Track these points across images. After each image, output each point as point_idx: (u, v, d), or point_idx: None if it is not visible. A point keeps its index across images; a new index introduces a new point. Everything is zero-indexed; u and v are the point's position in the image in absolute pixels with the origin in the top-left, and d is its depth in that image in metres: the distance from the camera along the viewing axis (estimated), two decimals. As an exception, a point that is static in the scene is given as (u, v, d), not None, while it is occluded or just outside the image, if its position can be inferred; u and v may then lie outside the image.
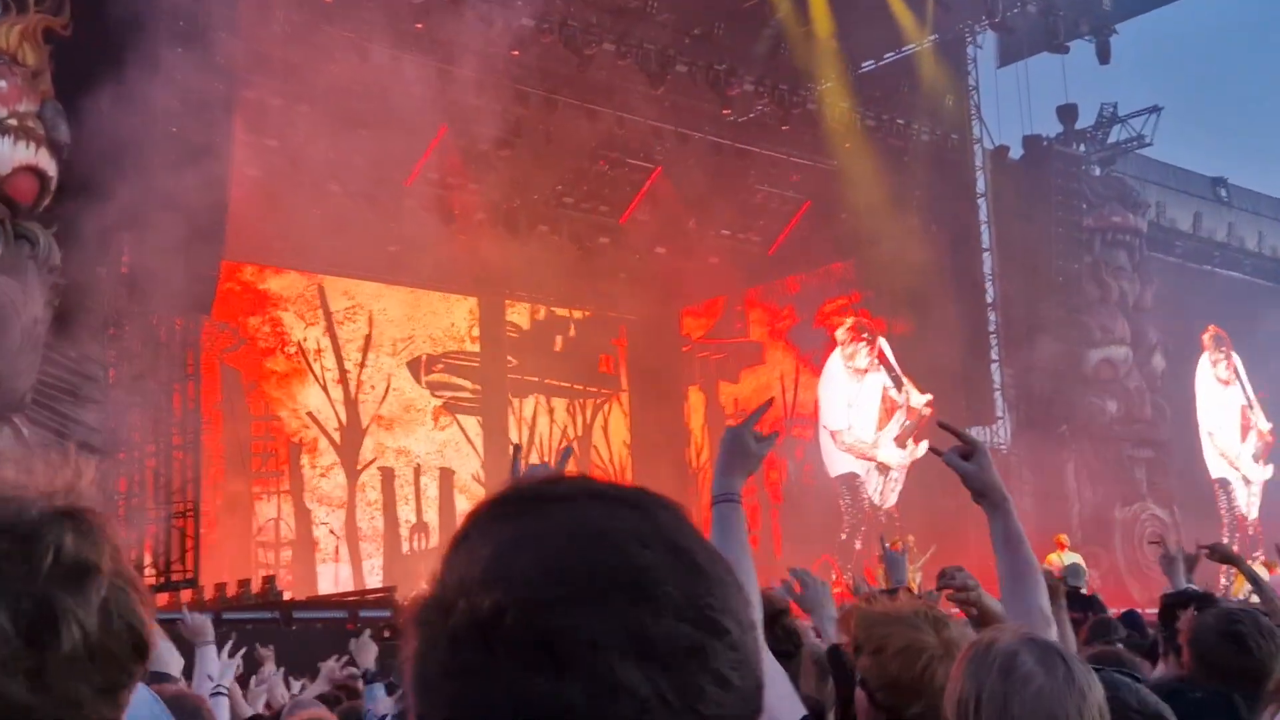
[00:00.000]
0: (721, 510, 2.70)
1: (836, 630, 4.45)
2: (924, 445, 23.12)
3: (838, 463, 25.93)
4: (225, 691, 5.67)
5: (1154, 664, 5.42)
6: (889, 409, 25.59)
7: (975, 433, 25.40)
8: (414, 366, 25.93)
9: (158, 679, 5.10)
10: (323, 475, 24.37)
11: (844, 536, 25.32)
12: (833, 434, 25.85)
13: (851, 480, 25.73)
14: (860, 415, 25.74)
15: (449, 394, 26.28)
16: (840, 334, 25.91)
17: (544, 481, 1.04)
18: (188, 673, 7.90)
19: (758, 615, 2.90)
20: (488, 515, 1.02)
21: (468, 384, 26.63)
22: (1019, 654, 2.19)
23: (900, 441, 25.19)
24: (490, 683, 0.92)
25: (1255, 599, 8.04)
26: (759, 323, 28.66)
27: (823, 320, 27.19)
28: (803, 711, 2.57)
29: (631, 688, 0.91)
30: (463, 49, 20.85)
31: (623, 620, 0.92)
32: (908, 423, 25.13)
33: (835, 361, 25.99)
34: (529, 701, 0.91)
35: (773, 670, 2.53)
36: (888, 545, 8.70)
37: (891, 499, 25.32)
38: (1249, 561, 10.37)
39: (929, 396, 24.53)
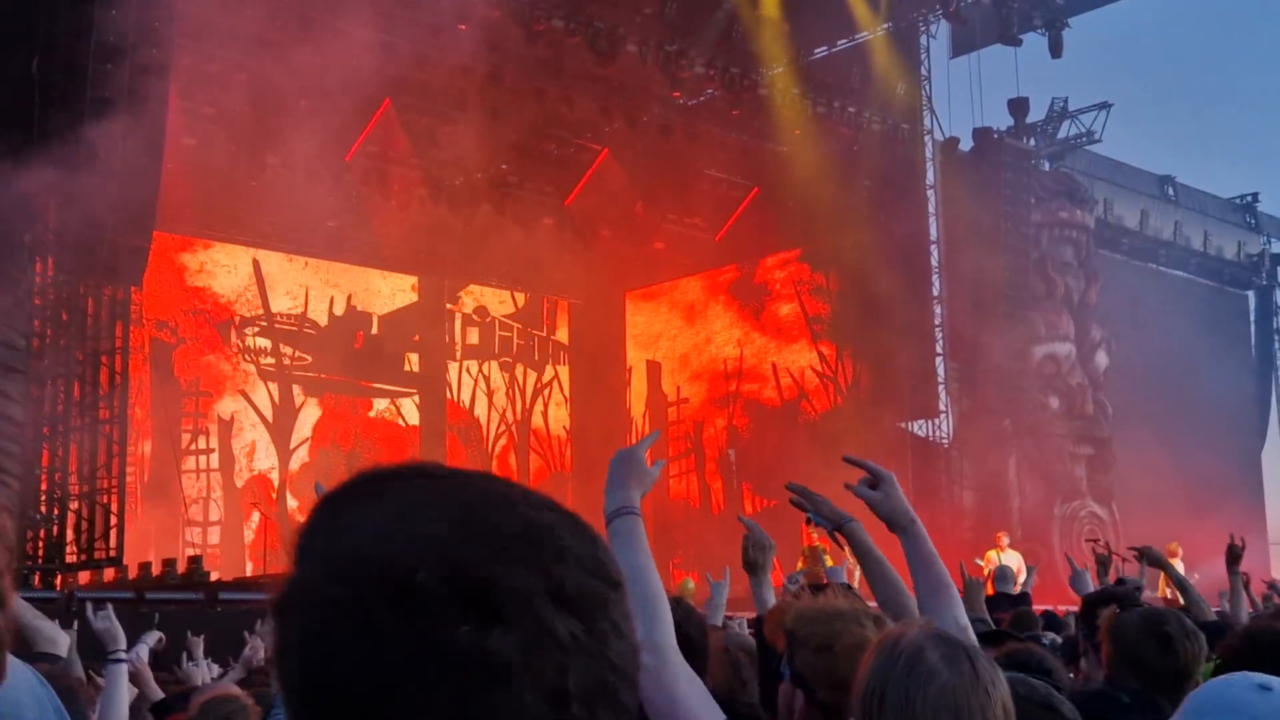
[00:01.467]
0: (626, 523, 2.72)
1: (767, 629, 4.50)
2: None
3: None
4: (125, 659, 5.27)
5: (1073, 664, 5.37)
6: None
7: (918, 427, 25.42)
8: (350, 343, 25.47)
9: (43, 659, 4.75)
10: (253, 454, 23.89)
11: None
12: None
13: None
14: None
15: (386, 373, 25.86)
16: None
17: (405, 463, 1.03)
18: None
19: (669, 619, 2.71)
20: (359, 493, 1.00)
21: (407, 364, 26.22)
22: (924, 649, 2.17)
23: None
24: (410, 640, 0.90)
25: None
26: (699, 284, 28.37)
27: (764, 275, 27.05)
28: (723, 717, 2.58)
29: (556, 634, 0.92)
30: (407, 21, 20.42)
31: (541, 570, 0.94)
32: None
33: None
34: (456, 653, 0.90)
35: (687, 679, 2.58)
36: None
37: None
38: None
39: None
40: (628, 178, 25.58)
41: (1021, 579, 11.61)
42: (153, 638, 5.68)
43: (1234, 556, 6.51)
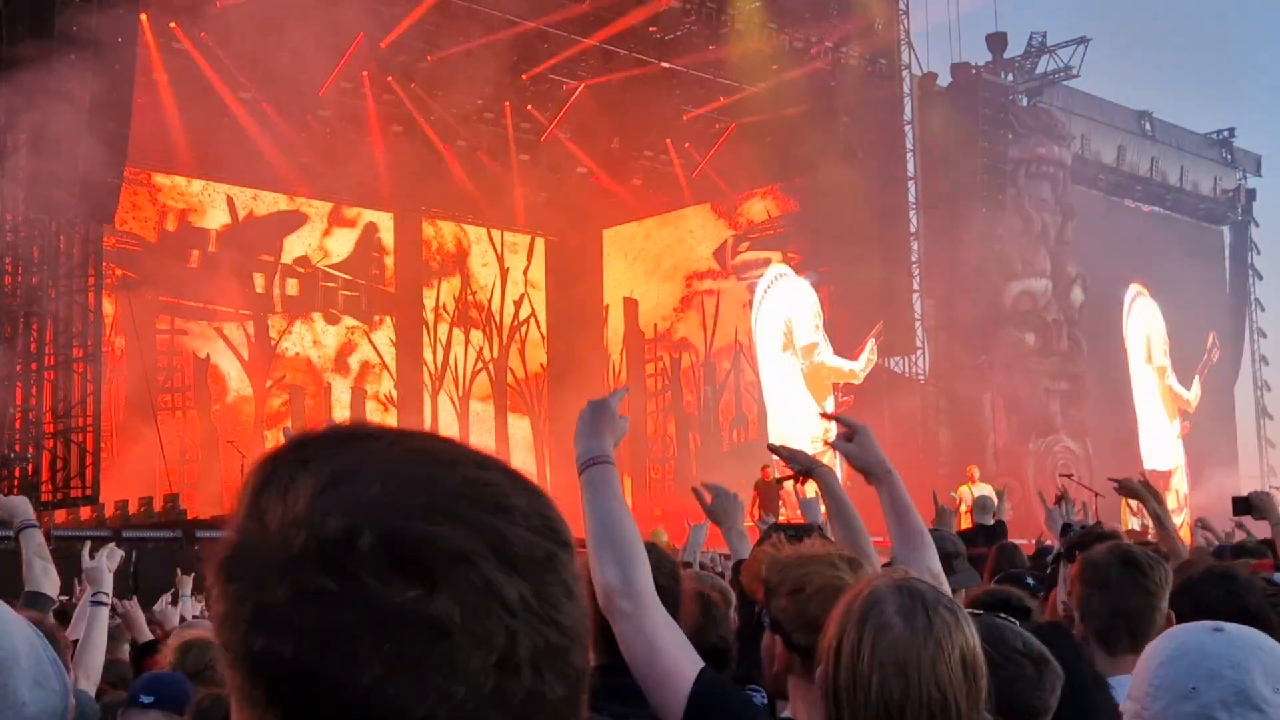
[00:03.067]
0: (600, 471, 2.76)
1: (745, 580, 4.53)
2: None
3: (777, 393, 25.79)
4: (105, 600, 5.25)
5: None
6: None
7: (895, 363, 25.49)
8: (328, 283, 25.37)
9: (32, 600, 4.74)
10: (229, 392, 23.84)
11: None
12: (805, 349, 25.51)
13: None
14: (802, 321, 25.57)
15: (360, 315, 25.78)
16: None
17: (342, 425, 1.00)
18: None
19: (646, 564, 2.71)
20: (294, 457, 0.96)
21: (382, 302, 26.15)
22: (882, 602, 2.17)
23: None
24: (350, 604, 0.87)
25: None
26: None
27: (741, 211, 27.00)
28: (700, 663, 2.60)
29: (502, 595, 0.90)
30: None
31: (484, 530, 0.91)
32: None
33: (803, 284, 25.74)
34: (398, 616, 0.87)
35: (665, 624, 2.63)
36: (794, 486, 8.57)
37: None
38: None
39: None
40: (604, 114, 25.40)
41: (995, 506, 11.73)
42: (115, 558, 5.63)
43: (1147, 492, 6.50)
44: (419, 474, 0.94)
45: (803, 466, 3.71)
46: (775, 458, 4.54)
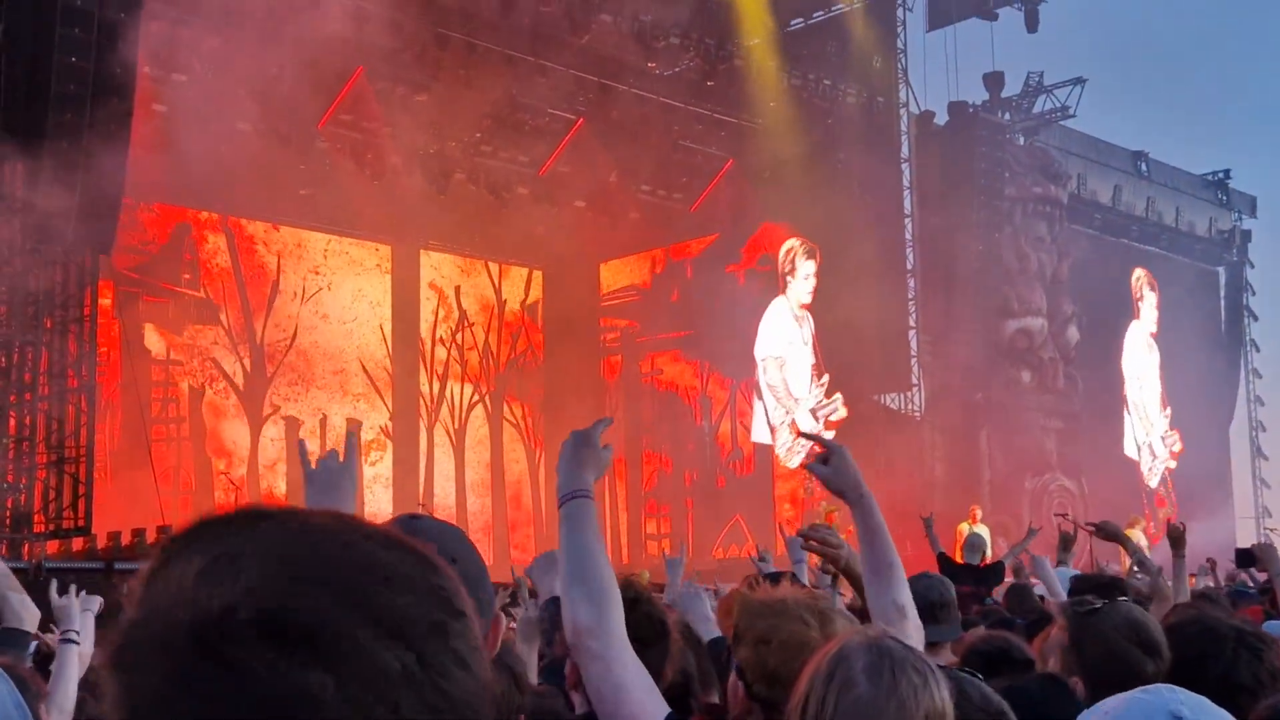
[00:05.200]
0: (578, 506, 2.75)
1: (718, 619, 4.71)
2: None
3: (759, 430, 25.87)
4: (76, 639, 5.15)
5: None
6: (817, 371, 25.41)
7: (890, 399, 25.49)
8: (323, 316, 25.33)
9: (8, 637, 4.67)
10: (224, 423, 23.77)
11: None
12: (763, 360, 25.62)
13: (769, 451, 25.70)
14: (796, 359, 25.55)
15: (357, 343, 25.74)
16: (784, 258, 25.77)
17: (243, 507, 0.97)
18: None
19: (618, 605, 2.70)
20: (187, 538, 0.95)
21: (378, 334, 26.10)
22: (850, 659, 2.17)
23: (814, 415, 25.03)
24: (227, 687, 0.86)
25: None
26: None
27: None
28: (666, 710, 2.58)
29: (383, 666, 0.88)
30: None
31: (365, 600, 0.90)
32: (825, 402, 24.99)
33: (780, 302, 25.78)
34: (275, 697, 0.86)
35: (634, 668, 2.60)
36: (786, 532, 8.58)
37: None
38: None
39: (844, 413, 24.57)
40: (602, 149, 25.44)
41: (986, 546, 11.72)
42: (94, 603, 5.56)
43: (1176, 539, 6.44)
44: (304, 552, 0.92)
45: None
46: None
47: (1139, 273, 31.37)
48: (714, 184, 26.85)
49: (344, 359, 25.50)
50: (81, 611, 5.39)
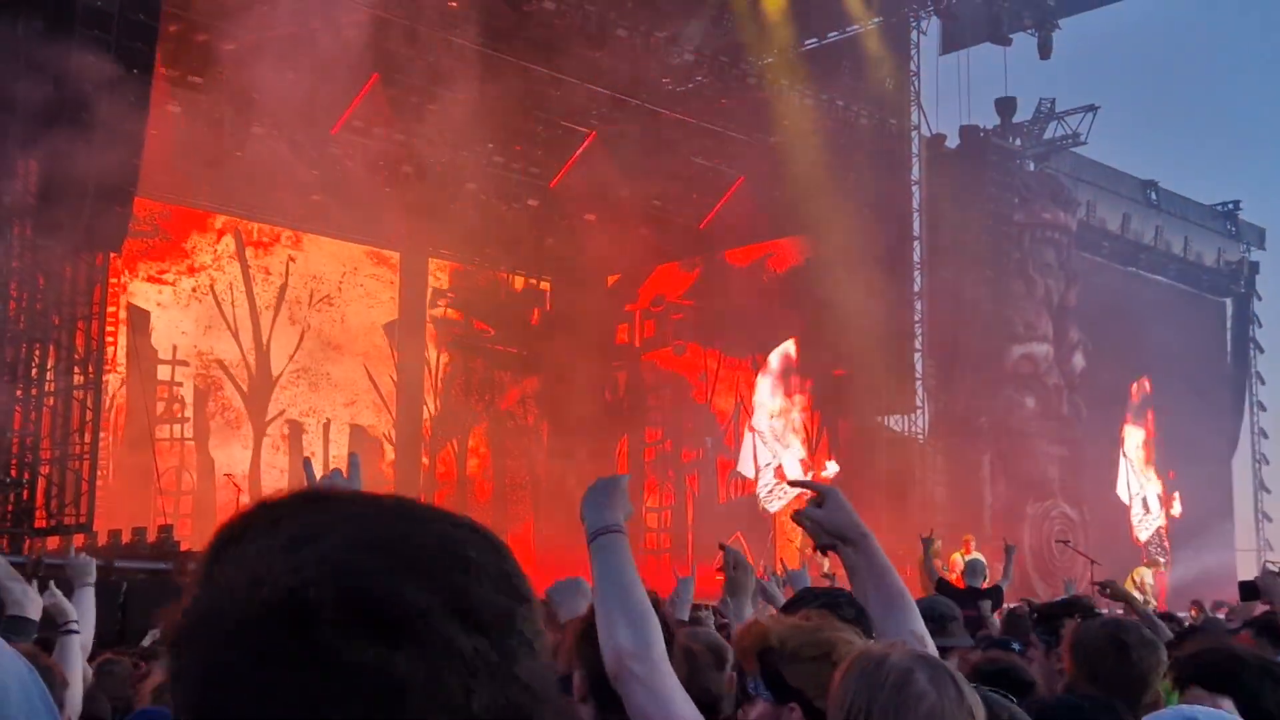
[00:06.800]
0: (611, 539, 2.78)
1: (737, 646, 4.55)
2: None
3: (745, 463, 26.06)
4: (77, 630, 5.18)
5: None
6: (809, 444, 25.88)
7: (894, 421, 25.47)
8: (331, 321, 25.36)
9: (14, 625, 4.70)
10: (228, 425, 23.80)
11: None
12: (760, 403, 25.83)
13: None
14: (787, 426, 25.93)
15: (364, 349, 25.77)
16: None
17: (305, 489, 0.99)
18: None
19: (658, 629, 2.70)
20: (256, 521, 0.96)
21: (384, 341, 26.13)
22: (913, 671, 2.23)
23: (804, 466, 25.41)
24: (309, 664, 0.87)
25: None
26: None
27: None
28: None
29: (460, 652, 0.90)
30: (398, -3, 20.32)
31: (445, 586, 0.91)
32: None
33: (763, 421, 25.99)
34: (357, 675, 0.87)
35: (677, 688, 2.64)
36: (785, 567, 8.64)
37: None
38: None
39: (837, 468, 24.65)
40: (614, 162, 25.48)
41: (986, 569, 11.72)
42: (90, 571, 5.57)
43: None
44: (382, 532, 0.94)
45: (828, 542, 3.13)
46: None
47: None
48: (724, 200, 26.89)
49: (350, 365, 25.53)
50: (79, 587, 5.44)
